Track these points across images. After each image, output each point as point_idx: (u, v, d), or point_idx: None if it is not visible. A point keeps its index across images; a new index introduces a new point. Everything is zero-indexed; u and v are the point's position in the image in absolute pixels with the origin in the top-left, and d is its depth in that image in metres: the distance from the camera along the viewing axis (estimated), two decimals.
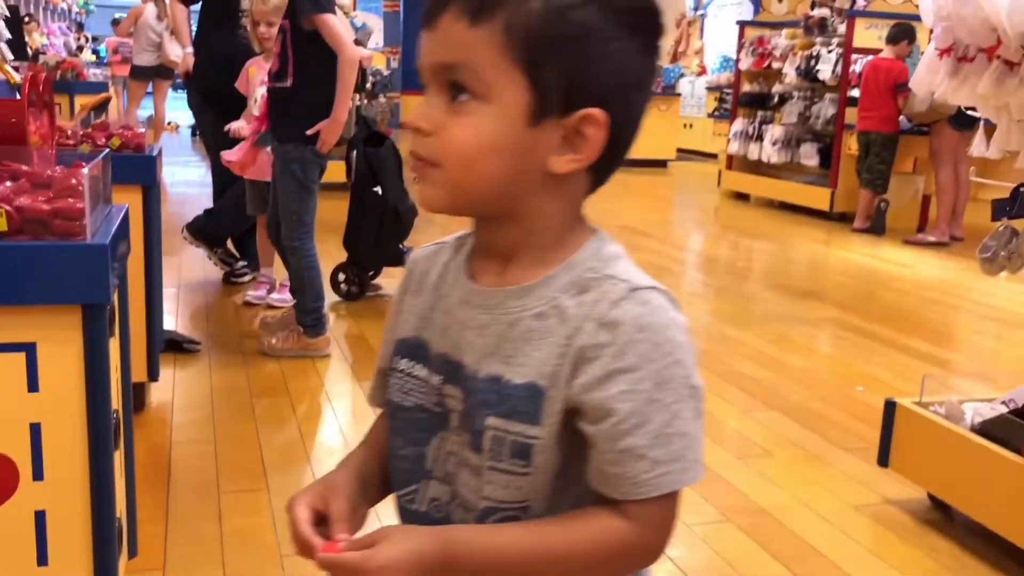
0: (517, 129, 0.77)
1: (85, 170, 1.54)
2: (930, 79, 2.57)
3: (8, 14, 4.35)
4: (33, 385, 1.48)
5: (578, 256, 0.82)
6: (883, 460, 2.58)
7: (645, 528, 0.79)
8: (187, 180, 8.70)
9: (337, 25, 3.37)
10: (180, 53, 5.72)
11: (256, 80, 4.07)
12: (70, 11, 13.87)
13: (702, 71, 14.75)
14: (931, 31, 2.60)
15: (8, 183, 1.53)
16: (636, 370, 0.76)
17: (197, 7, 4.79)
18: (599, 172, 0.83)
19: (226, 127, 4.13)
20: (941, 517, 2.51)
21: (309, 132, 3.37)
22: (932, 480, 2.51)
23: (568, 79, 0.77)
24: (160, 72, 9.88)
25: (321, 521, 0.84)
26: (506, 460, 0.80)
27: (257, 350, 3.60)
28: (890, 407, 2.56)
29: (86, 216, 1.49)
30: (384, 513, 0.93)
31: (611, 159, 0.81)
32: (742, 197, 9.27)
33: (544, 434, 0.79)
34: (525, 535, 0.79)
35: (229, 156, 4.05)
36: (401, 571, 0.76)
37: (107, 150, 2.07)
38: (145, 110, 11.03)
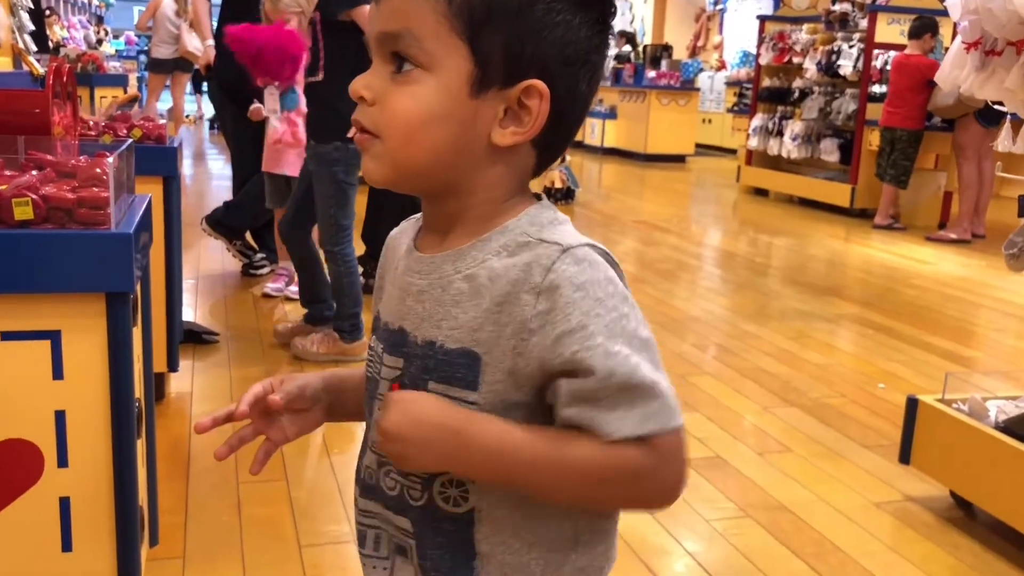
0: (459, 99, 0.77)
1: (110, 159, 1.54)
2: (956, 73, 2.55)
3: (32, 6, 4.36)
4: (58, 372, 1.49)
5: (514, 221, 0.81)
6: (905, 457, 2.57)
7: (657, 458, 0.76)
8: (206, 173, 8.74)
9: None
10: (198, 45, 5.74)
11: None
12: (90, 4, 13.96)
13: (721, 66, 14.68)
14: (955, 24, 2.57)
15: (33, 172, 1.54)
16: (584, 328, 0.75)
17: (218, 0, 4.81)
18: (544, 148, 0.82)
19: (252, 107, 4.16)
20: (963, 515, 2.49)
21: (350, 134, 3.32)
22: (954, 478, 2.49)
23: (510, 50, 0.76)
24: (179, 65, 9.93)
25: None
26: None
27: (292, 355, 3.49)
28: (912, 404, 2.54)
29: (111, 205, 1.50)
30: None
31: (556, 135, 0.81)
32: (761, 193, 9.22)
33: (482, 400, 0.79)
34: (541, 434, 0.78)
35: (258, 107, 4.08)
36: (408, 439, 0.77)
37: (130, 140, 2.08)
38: (162, 103, 11.08)
